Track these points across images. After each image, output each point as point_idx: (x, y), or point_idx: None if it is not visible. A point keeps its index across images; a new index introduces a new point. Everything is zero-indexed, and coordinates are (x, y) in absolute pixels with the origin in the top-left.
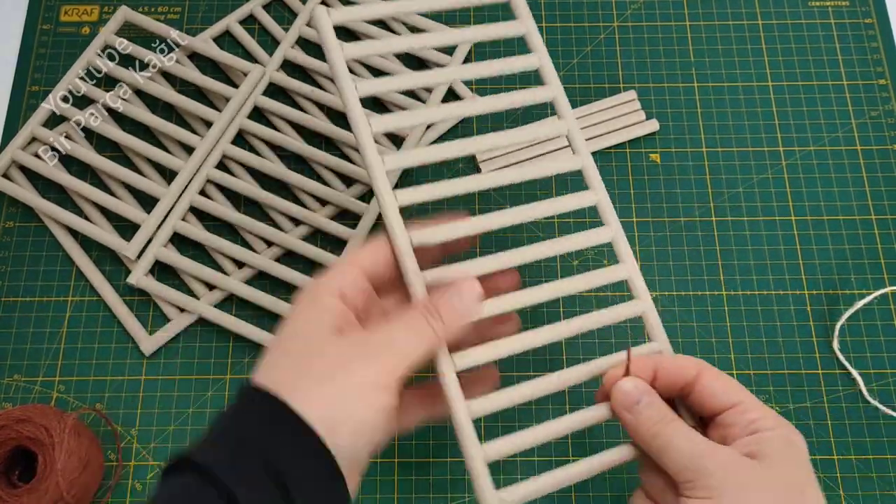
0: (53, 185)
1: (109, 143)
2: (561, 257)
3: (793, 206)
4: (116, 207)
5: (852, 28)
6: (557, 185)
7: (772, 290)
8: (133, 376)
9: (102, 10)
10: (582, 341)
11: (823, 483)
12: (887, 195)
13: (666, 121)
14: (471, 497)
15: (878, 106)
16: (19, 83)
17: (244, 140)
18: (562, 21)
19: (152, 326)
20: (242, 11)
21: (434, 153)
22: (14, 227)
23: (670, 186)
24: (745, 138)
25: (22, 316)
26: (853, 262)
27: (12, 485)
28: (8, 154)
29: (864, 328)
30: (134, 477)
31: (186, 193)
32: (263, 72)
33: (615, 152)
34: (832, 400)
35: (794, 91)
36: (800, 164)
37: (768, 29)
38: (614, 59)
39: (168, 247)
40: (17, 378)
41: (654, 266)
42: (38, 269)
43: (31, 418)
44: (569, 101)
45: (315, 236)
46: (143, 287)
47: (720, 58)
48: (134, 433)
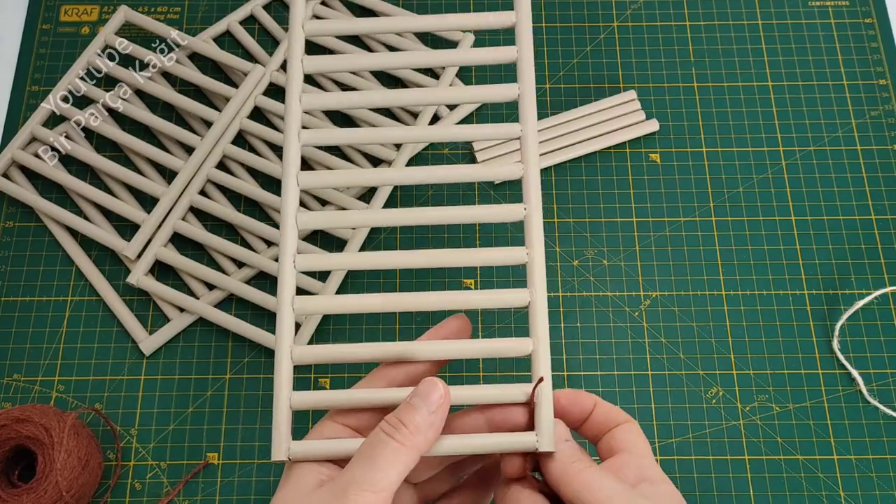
0: (53, 185)
1: (109, 143)
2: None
3: (793, 206)
4: (116, 207)
5: (852, 28)
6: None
7: (771, 290)
8: (133, 376)
9: (102, 10)
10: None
11: (823, 483)
12: (887, 195)
13: (666, 121)
14: None
15: (878, 106)
16: (19, 83)
17: (244, 140)
18: (562, 21)
19: (152, 326)
20: (242, 11)
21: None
22: (14, 227)
23: (670, 186)
24: (745, 138)
25: (21, 316)
26: (853, 262)
27: (12, 484)
28: (8, 154)
29: (863, 328)
30: (133, 477)
31: (186, 193)
32: (263, 72)
33: (615, 152)
34: (832, 400)
35: (794, 91)
36: (800, 164)
37: (768, 29)
38: (614, 59)
39: (168, 247)
40: (16, 378)
41: (654, 266)
42: (37, 268)
43: (31, 418)
44: (565, 101)
45: (315, 236)
46: (142, 287)
47: (720, 58)
48: (133, 433)
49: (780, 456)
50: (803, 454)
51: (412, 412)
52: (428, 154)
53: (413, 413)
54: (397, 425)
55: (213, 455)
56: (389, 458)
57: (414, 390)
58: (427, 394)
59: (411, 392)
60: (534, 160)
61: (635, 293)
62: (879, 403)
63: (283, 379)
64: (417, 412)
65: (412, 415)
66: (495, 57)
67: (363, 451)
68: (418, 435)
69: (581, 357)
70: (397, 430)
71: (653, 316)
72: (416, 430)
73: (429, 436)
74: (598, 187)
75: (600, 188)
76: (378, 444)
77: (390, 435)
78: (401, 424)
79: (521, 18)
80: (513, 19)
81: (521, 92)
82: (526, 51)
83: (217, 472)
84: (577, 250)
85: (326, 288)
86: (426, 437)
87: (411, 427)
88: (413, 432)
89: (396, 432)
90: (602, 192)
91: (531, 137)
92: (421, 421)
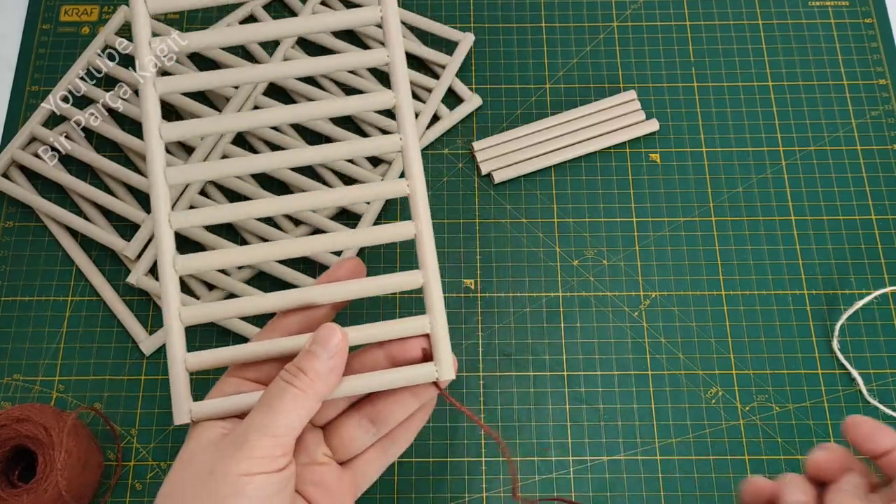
0: (53, 185)
1: (109, 143)
2: None
3: (793, 206)
4: (116, 207)
5: (852, 28)
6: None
7: (771, 290)
8: (133, 376)
9: (102, 10)
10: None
11: None
12: (887, 195)
13: (666, 121)
14: (471, 497)
15: (878, 106)
16: (19, 83)
17: (244, 140)
18: (562, 21)
19: (152, 326)
20: (242, 11)
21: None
22: (14, 227)
23: (670, 186)
24: (745, 138)
25: (21, 315)
26: (853, 262)
27: (12, 484)
28: (8, 154)
29: (863, 328)
30: (133, 477)
31: (186, 193)
32: None
33: (615, 152)
34: (832, 400)
35: (794, 91)
36: (800, 164)
37: (768, 29)
38: (614, 59)
39: None
40: (16, 377)
41: (654, 266)
42: (37, 268)
43: (31, 418)
44: (565, 101)
45: (315, 236)
46: (143, 287)
47: (720, 58)
48: (133, 433)
49: (780, 456)
50: (803, 454)
51: (312, 359)
52: (428, 154)
53: (313, 360)
54: (297, 373)
55: None
56: (289, 404)
57: (312, 337)
58: (325, 339)
59: (310, 339)
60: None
61: (635, 293)
62: (879, 403)
63: (174, 340)
64: (317, 359)
65: (312, 361)
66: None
67: (263, 400)
68: (318, 381)
69: (581, 357)
70: (297, 377)
71: (653, 316)
72: (316, 377)
73: (329, 381)
74: (598, 187)
75: (600, 188)
76: (278, 392)
77: (290, 383)
78: (300, 372)
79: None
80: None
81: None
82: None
83: None
84: (577, 250)
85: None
86: (327, 382)
87: (311, 374)
88: (314, 379)
89: (296, 380)
90: (602, 192)
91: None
92: (321, 367)
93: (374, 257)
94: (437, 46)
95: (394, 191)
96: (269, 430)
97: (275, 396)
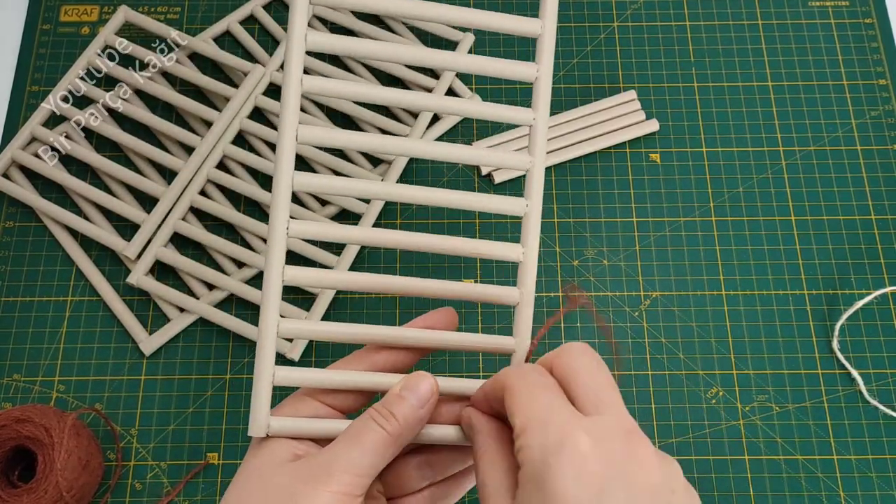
0: (53, 185)
1: (109, 143)
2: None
3: (793, 206)
4: (116, 207)
5: (852, 28)
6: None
7: (771, 290)
8: (133, 376)
9: (102, 10)
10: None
11: (823, 483)
12: (887, 195)
13: (666, 121)
14: (471, 497)
15: (878, 106)
16: (19, 83)
17: (244, 140)
18: (562, 21)
19: (152, 326)
20: (242, 11)
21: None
22: (14, 227)
23: (670, 186)
24: (745, 138)
25: (21, 316)
26: (853, 262)
27: (12, 484)
28: (8, 154)
29: (863, 328)
30: (133, 477)
31: (186, 193)
32: (263, 72)
33: (615, 152)
34: (832, 400)
35: (794, 91)
36: (800, 164)
37: (768, 29)
38: (614, 59)
39: (168, 247)
40: (16, 378)
41: (654, 266)
42: (37, 269)
43: (31, 418)
44: (565, 101)
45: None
46: (143, 287)
47: (720, 58)
48: (133, 433)
49: (779, 456)
50: (803, 454)
51: (402, 404)
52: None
53: (402, 405)
54: (388, 416)
55: (213, 455)
56: (379, 447)
57: (403, 382)
58: (416, 387)
59: (400, 383)
60: (542, 153)
61: (635, 293)
62: (879, 403)
63: (266, 352)
64: (409, 406)
65: (401, 407)
66: (519, 27)
67: (350, 433)
68: (406, 429)
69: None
70: (387, 420)
71: (653, 316)
72: (404, 423)
73: (416, 430)
74: (598, 187)
75: (600, 188)
76: (366, 429)
77: (381, 426)
78: (391, 416)
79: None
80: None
81: (539, 74)
82: (549, 24)
83: (217, 472)
84: (577, 250)
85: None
86: (413, 430)
87: (401, 419)
88: (402, 424)
89: (386, 423)
90: (602, 192)
91: (541, 128)
92: (410, 414)
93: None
94: (437, 46)
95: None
96: (356, 468)
97: (363, 432)
